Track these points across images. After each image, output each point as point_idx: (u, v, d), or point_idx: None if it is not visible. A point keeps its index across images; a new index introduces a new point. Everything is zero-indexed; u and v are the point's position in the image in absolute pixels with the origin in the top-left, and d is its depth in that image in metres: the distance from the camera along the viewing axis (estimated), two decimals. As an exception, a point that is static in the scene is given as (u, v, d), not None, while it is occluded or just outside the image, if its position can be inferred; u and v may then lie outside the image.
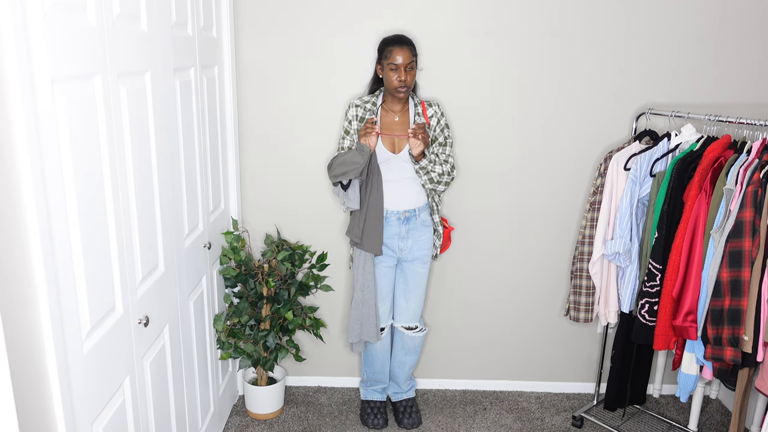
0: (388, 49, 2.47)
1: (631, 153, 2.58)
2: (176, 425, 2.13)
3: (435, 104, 2.62)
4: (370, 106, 2.57)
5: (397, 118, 2.57)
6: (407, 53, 2.45)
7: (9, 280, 1.18)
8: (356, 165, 2.45)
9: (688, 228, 2.32)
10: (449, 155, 2.60)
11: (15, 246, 1.20)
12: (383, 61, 2.49)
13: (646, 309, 2.47)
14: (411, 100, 2.60)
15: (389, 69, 2.47)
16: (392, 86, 2.48)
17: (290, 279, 2.78)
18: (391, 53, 2.45)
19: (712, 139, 2.44)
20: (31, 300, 1.25)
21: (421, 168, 2.52)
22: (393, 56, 2.45)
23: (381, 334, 2.74)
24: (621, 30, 2.74)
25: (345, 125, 2.59)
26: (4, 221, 1.16)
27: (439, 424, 2.89)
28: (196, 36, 2.26)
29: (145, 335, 1.83)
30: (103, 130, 1.52)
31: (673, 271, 2.36)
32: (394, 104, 2.58)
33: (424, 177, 2.54)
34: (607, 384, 2.84)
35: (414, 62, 2.48)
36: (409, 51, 2.46)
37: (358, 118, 2.57)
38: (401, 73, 2.46)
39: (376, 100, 2.59)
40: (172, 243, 2.04)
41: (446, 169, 2.55)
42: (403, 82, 2.46)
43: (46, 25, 1.25)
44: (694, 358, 2.41)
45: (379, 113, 2.57)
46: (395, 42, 2.47)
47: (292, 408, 2.99)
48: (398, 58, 2.44)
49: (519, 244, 3.01)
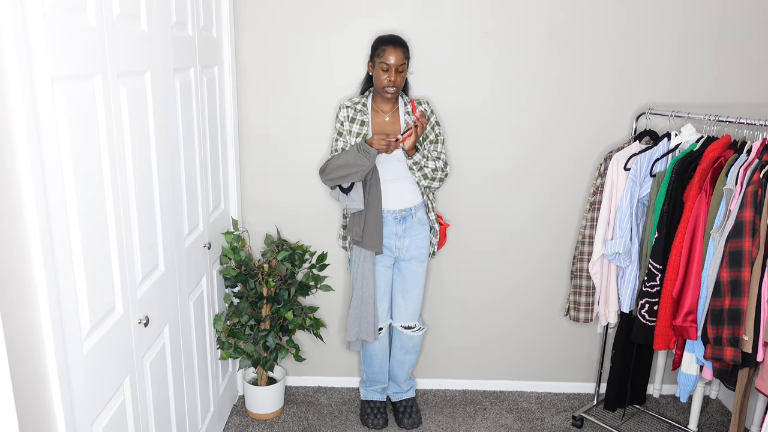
0: (381, 48, 2.47)
1: (631, 153, 2.58)
2: (176, 425, 2.13)
3: (425, 102, 2.64)
4: (360, 106, 2.58)
5: (387, 118, 2.58)
6: (400, 54, 2.46)
7: (9, 280, 1.18)
8: (360, 167, 2.44)
9: (688, 228, 2.32)
10: (441, 152, 2.61)
11: (15, 246, 1.20)
12: (375, 59, 2.50)
13: (646, 309, 2.47)
14: (401, 100, 2.61)
15: (380, 68, 2.48)
16: (381, 85, 2.49)
17: (290, 279, 2.78)
18: (384, 52, 2.46)
19: (712, 139, 2.44)
20: (31, 300, 1.25)
21: (415, 164, 2.50)
22: (386, 56, 2.46)
23: (379, 333, 2.74)
24: (621, 30, 2.74)
25: (337, 127, 2.59)
26: (4, 221, 1.16)
27: (439, 424, 2.89)
28: (196, 36, 2.26)
29: (145, 335, 1.83)
30: (103, 130, 1.52)
31: (673, 271, 2.36)
32: (384, 104, 2.58)
33: (418, 173, 2.53)
34: (607, 384, 2.84)
35: (405, 64, 2.49)
36: (402, 53, 2.47)
37: (349, 118, 2.57)
38: (391, 74, 2.47)
39: (365, 100, 2.59)
40: (172, 243, 2.04)
41: (439, 165, 2.55)
42: (392, 82, 2.47)
43: (46, 25, 1.25)
44: (694, 358, 2.42)
45: (370, 114, 2.58)
46: (389, 42, 2.47)
47: (292, 408, 2.99)
48: (390, 58, 2.45)
49: (519, 244, 3.01)
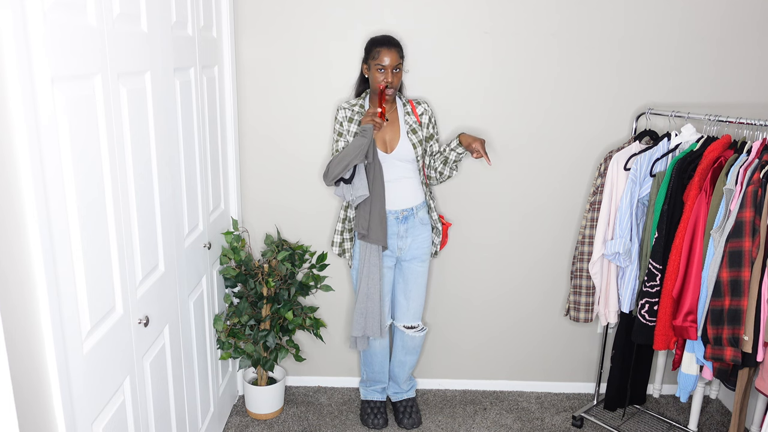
0: (375, 50, 2.48)
1: (631, 153, 2.58)
2: (176, 425, 2.13)
3: (423, 102, 2.64)
4: (358, 108, 2.58)
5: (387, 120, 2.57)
6: (395, 55, 2.46)
7: (9, 281, 1.18)
8: (360, 147, 2.40)
9: (688, 228, 2.32)
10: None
11: (15, 246, 1.20)
12: (370, 61, 2.50)
13: (646, 309, 2.47)
14: (399, 100, 2.61)
15: (376, 69, 2.48)
16: (378, 87, 2.48)
17: (290, 279, 2.78)
18: (379, 54, 2.46)
19: (712, 139, 2.44)
20: (31, 300, 1.25)
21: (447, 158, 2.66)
22: (380, 57, 2.46)
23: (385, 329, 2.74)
24: (621, 30, 2.74)
25: (337, 128, 2.59)
26: (4, 221, 1.16)
27: (439, 424, 2.89)
28: (196, 36, 2.26)
29: (145, 335, 1.83)
30: (103, 130, 1.52)
31: (673, 271, 2.36)
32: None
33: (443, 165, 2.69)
34: (607, 384, 2.84)
35: (401, 64, 2.50)
36: (397, 53, 2.47)
37: (347, 118, 2.57)
38: (388, 75, 2.47)
39: (363, 102, 2.60)
40: (172, 243, 2.04)
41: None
42: (389, 83, 2.47)
43: (46, 25, 1.25)
44: (694, 358, 2.41)
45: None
46: (383, 43, 2.48)
47: (292, 408, 2.99)
48: (385, 59, 2.45)
49: (519, 244, 3.01)
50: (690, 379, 2.44)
